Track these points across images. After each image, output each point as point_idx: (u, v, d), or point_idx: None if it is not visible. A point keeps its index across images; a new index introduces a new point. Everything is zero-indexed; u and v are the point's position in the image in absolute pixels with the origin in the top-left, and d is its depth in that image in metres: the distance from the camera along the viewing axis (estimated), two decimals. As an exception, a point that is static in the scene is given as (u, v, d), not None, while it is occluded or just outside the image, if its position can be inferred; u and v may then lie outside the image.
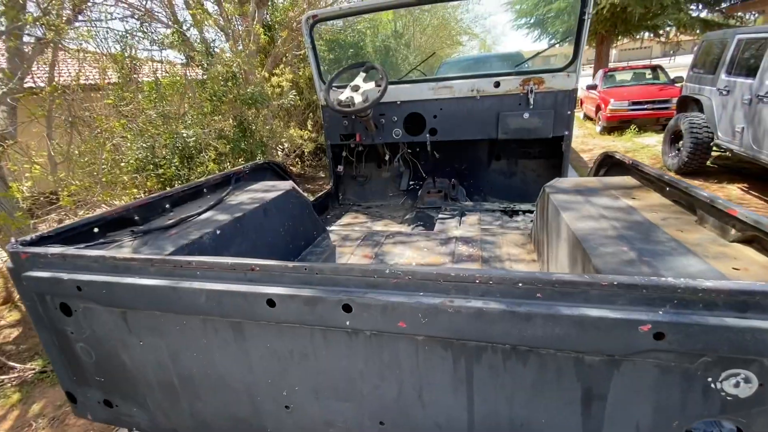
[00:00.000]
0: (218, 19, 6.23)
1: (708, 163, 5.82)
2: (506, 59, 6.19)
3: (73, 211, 3.99)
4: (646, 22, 12.00)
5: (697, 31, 12.06)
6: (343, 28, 8.31)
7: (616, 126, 9.28)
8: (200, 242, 1.54)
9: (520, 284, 0.80)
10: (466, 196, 3.42)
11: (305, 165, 8.05)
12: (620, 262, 1.09)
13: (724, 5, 11.14)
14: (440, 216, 2.96)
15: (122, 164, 4.37)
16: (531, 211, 2.94)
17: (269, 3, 7.05)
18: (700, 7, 11.64)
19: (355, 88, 2.75)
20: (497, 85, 2.79)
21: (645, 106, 8.84)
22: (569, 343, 0.77)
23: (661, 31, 13.16)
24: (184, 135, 4.61)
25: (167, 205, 1.86)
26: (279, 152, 7.29)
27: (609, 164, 2.18)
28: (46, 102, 3.55)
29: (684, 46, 19.56)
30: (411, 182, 3.58)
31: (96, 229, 1.51)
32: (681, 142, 5.84)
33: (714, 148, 5.52)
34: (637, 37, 14.58)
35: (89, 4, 3.95)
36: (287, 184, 2.28)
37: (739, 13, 11.18)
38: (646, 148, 7.78)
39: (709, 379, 0.73)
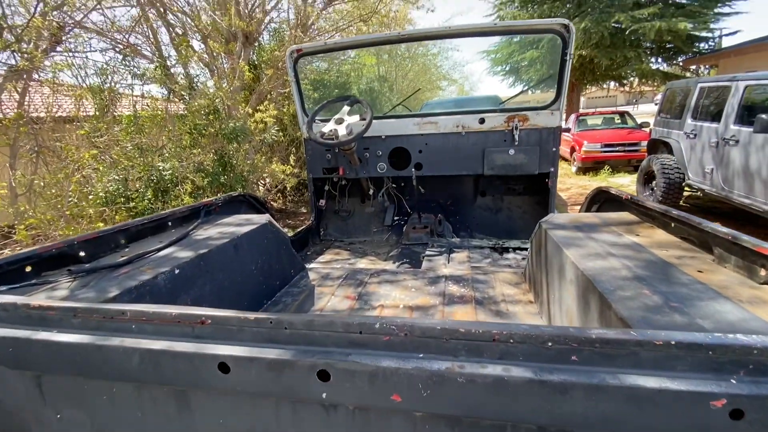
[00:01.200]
0: (203, 55, 6.28)
1: (680, 202, 6.02)
2: (484, 101, 6.44)
3: (31, 246, 3.69)
4: (611, 73, 12.93)
5: (656, 82, 13.10)
6: (328, 69, 8.53)
7: (590, 166, 9.66)
8: (153, 284, 1.33)
9: (551, 343, 0.64)
10: (453, 232, 3.34)
11: (287, 200, 7.91)
12: (647, 308, 0.95)
13: (681, 59, 12.17)
14: (427, 253, 2.84)
15: (90, 197, 4.13)
16: (521, 248, 2.86)
17: (256, 44, 7.21)
18: (660, 60, 12.69)
19: (339, 121, 2.71)
20: (482, 121, 2.80)
21: (616, 148, 9.28)
22: (616, 422, 0.60)
23: (625, 81, 14.19)
24: (160, 168, 4.44)
25: (122, 240, 1.65)
26: (260, 187, 7.17)
27: (602, 200, 2.14)
28: (11, 130, 3.36)
29: (646, 95, 21.15)
30: (396, 217, 3.49)
31: (29, 268, 1.29)
32: (654, 182, 6.06)
33: (686, 188, 5.74)
34: (604, 86, 15.68)
35: (69, 35, 3.88)
36: (263, 218, 2.12)
37: (694, 66, 12.21)
38: (621, 187, 8.04)
39: None
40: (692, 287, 1.06)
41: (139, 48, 5.22)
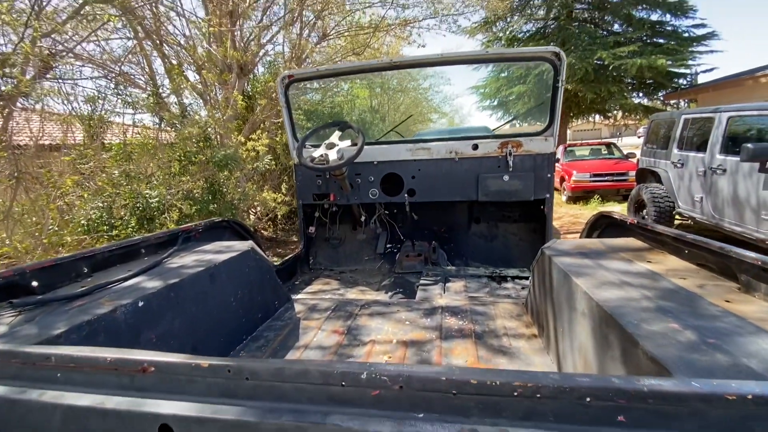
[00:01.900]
0: (197, 85, 6.34)
1: (672, 230, 6.04)
2: (475, 132, 6.53)
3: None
4: (596, 106, 13.40)
5: (638, 116, 13.60)
6: (321, 101, 8.69)
7: (580, 196, 9.79)
8: (110, 319, 1.16)
9: (589, 399, 0.51)
10: (447, 260, 3.24)
11: (277, 228, 7.79)
12: (682, 346, 0.82)
13: (660, 94, 12.71)
14: (421, 282, 2.72)
15: (71, 224, 3.99)
16: (520, 277, 2.77)
17: (251, 75, 7.33)
18: (641, 95, 13.24)
19: (330, 146, 2.66)
20: (475, 147, 2.78)
21: (605, 178, 9.45)
22: None
23: (609, 114, 14.70)
24: (147, 195, 4.34)
25: (85, 269, 1.50)
26: (251, 215, 7.07)
27: (603, 225, 2.07)
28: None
29: (630, 128, 21.97)
30: (388, 245, 3.39)
31: None
32: (645, 211, 6.09)
33: (676, 217, 5.77)
34: (589, 119, 16.21)
35: (59, 62, 3.87)
36: (245, 245, 1.99)
37: (674, 101, 12.73)
38: (612, 216, 8.09)
39: None
40: (725, 320, 0.94)
41: (132, 77, 5.24)
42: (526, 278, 2.72)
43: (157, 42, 5.81)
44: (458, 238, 3.36)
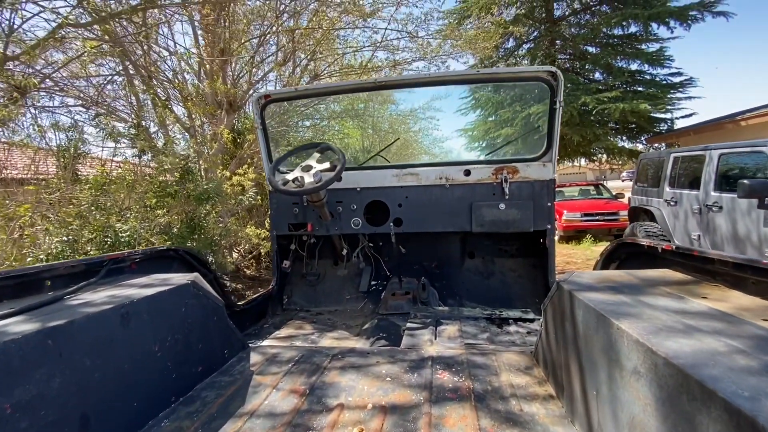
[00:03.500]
0: (182, 118, 6.25)
1: (670, 270, 5.84)
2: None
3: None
4: (582, 149, 13.72)
5: (622, 160, 13.95)
6: (312, 138, 8.70)
7: (572, 235, 9.68)
8: None
9: None
10: (439, 300, 2.93)
11: (261, 267, 7.41)
12: None
13: (643, 137, 13.16)
14: (409, 325, 2.39)
15: (29, 259, 3.65)
16: (524, 320, 2.46)
17: (241, 111, 7.31)
18: (624, 138, 13.68)
19: (307, 168, 2.43)
20: (467, 173, 2.60)
21: (596, 217, 9.41)
22: None
23: (594, 157, 15.06)
24: (118, 229, 4.05)
25: None
26: (234, 253, 6.73)
27: (623, 255, 1.81)
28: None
29: (615, 171, 22.63)
30: (373, 282, 3.08)
31: None
32: (641, 249, 5.93)
33: (674, 256, 5.61)
34: (575, 163, 16.60)
35: (30, 89, 3.71)
36: (186, 278, 1.62)
37: (656, 144, 13.13)
38: (607, 256, 7.91)
39: None
40: None
41: (114, 107, 5.12)
42: (531, 320, 2.42)
43: (145, 75, 5.76)
44: (451, 274, 3.08)
